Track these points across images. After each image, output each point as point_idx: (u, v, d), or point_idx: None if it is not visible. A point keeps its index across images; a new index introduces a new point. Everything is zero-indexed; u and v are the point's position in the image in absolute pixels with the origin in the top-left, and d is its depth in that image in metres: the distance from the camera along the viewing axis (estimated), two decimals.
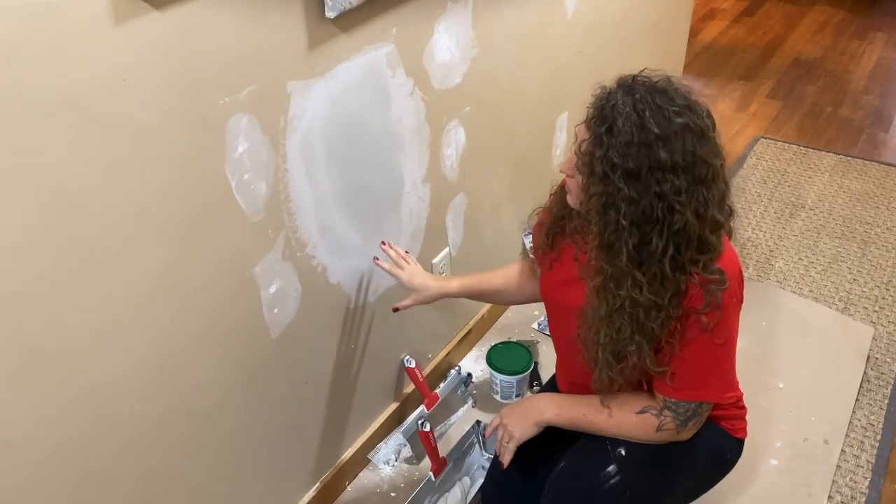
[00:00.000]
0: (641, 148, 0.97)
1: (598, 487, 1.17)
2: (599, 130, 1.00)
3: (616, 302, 1.06)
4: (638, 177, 0.98)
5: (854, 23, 4.17)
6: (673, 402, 1.14)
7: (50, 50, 0.83)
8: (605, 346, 1.09)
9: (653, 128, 0.97)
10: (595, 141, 1.01)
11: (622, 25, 2.21)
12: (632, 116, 0.98)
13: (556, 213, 1.25)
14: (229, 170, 1.10)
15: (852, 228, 2.51)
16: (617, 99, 1.00)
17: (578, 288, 1.18)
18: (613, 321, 1.07)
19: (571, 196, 1.13)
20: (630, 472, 1.17)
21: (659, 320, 1.05)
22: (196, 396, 1.20)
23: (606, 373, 1.12)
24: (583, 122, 1.05)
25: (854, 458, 1.73)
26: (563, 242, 1.25)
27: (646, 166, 0.98)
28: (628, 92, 1.01)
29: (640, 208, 0.99)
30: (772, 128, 3.17)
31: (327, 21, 1.17)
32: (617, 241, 1.02)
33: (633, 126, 0.97)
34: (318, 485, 1.60)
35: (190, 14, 0.96)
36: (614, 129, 0.98)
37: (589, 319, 1.11)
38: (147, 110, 0.95)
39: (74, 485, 1.05)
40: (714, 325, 1.07)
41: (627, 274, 1.04)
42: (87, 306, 0.97)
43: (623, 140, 0.98)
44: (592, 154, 1.01)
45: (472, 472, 1.71)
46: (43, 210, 0.88)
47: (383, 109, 1.38)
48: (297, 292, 1.33)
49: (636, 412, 1.16)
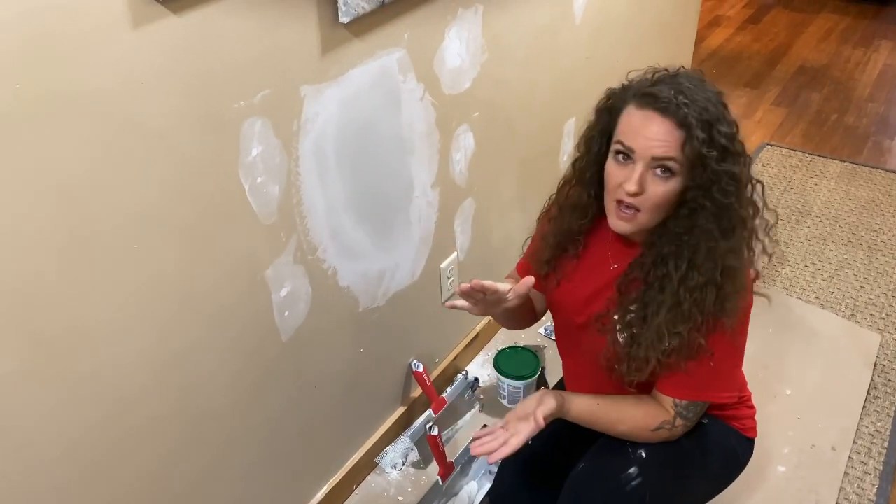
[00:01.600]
0: (717, 125, 1.01)
1: (620, 489, 1.17)
2: (688, 121, 1.00)
3: (696, 295, 1.06)
4: (730, 151, 1.02)
5: (859, 30, 4.18)
6: (684, 407, 1.15)
7: (70, 51, 0.83)
8: (668, 322, 1.08)
9: (711, 107, 1.02)
10: (686, 133, 1.01)
11: (629, 31, 2.22)
12: (700, 98, 1.01)
13: (554, 242, 1.24)
14: (243, 173, 1.11)
15: (858, 235, 2.51)
16: (673, 85, 1.03)
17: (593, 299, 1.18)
18: (690, 306, 1.06)
19: (639, 216, 1.07)
20: (651, 474, 1.17)
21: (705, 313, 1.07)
22: (205, 398, 1.21)
23: (651, 354, 1.09)
24: (652, 117, 1.02)
25: (861, 465, 1.73)
26: (569, 264, 1.25)
27: (725, 138, 1.02)
28: (666, 81, 1.05)
29: (737, 180, 1.03)
30: (777, 135, 3.17)
31: (340, 26, 1.18)
32: (736, 219, 1.04)
33: (706, 106, 1.01)
34: (325, 488, 1.60)
35: (206, 18, 0.97)
36: (690, 116, 1.00)
37: (651, 323, 1.09)
38: (163, 113, 0.96)
39: (84, 484, 1.06)
40: (734, 326, 1.08)
41: (742, 243, 1.06)
42: (99, 306, 0.98)
43: (712, 115, 1.01)
44: (698, 138, 1.00)
45: (479, 477, 1.71)
46: (58, 208, 0.89)
47: (394, 114, 1.38)
48: (308, 295, 1.34)
49: (652, 429, 1.16)
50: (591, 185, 1.17)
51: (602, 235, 1.21)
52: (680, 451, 1.20)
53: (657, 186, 1.04)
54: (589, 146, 1.15)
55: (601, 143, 1.13)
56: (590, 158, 1.15)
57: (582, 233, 1.22)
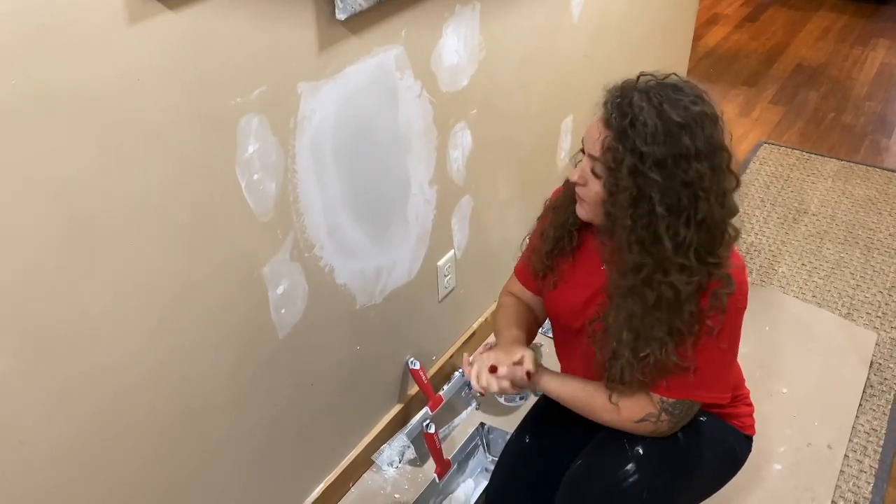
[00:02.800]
0: (667, 136, 0.99)
1: (617, 486, 1.17)
2: (622, 124, 1.00)
3: (655, 294, 1.06)
4: (665, 165, 1.00)
5: (856, 29, 4.18)
6: (670, 404, 1.15)
7: (66, 47, 0.83)
8: (631, 344, 1.09)
9: (674, 116, 0.99)
10: (618, 136, 1.01)
11: (627, 30, 2.22)
12: (651, 109, 0.99)
13: (554, 235, 1.25)
14: (239, 170, 1.10)
15: (855, 234, 2.52)
16: (632, 95, 1.02)
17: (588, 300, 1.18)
18: (647, 319, 1.07)
19: (584, 206, 1.13)
20: (648, 471, 1.18)
21: (687, 313, 1.06)
22: (202, 395, 1.20)
23: (627, 373, 1.11)
24: (598, 121, 1.06)
25: (857, 464, 1.73)
26: (565, 262, 1.25)
27: (672, 154, 0.99)
28: (640, 89, 1.03)
29: (670, 197, 1.01)
30: (775, 133, 3.17)
31: (338, 23, 1.17)
32: (652, 233, 1.03)
33: (656, 116, 0.99)
34: (322, 485, 1.60)
35: (203, 15, 0.97)
36: (637, 121, 1.00)
37: (620, 319, 1.10)
38: (159, 109, 0.96)
39: (81, 481, 1.05)
40: (719, 329, 1.08)
41: (672, 262, 1.04)
42: (95, 303, 0.98)
43: (648, 130, 0.99)
44: (616, 148, 1.01)
45: (475, 475, 1.71)
46: (54, 204, 0.89)
47: (391, 111, 1.38)
48: (305, 293, 1.33)
49: (636, 420, 1.17)
50: None
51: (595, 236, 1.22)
52: (678, 449, 1.20)
53: (592, 182, 1.08)
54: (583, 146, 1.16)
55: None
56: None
57: (576, 226, 1.22)
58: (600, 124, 1.05)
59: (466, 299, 1.93)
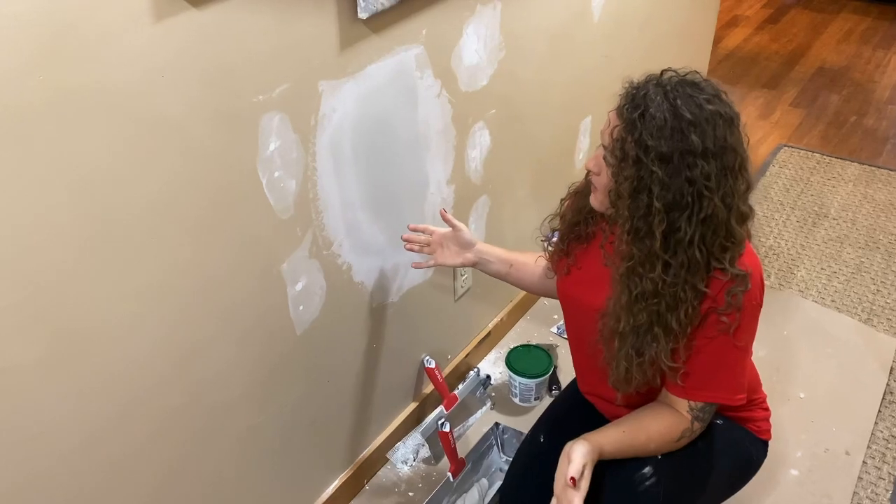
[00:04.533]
0: (674, 132, 0.99)
1: (633, 489, 1.17)
2: (632, 116, 1.01)
3: (640, 287, 1.06)
4: (670, 160, 0.99)
5: (880, 31, 4.13)
6: (700, 409, 1.14)
7: (92, 44, 0.84)
8: (626, 336, 1.09)
9: (685, 113, 0.99)
10: (628, 126, 1.02)
11: (647, 30, 2.21)
12: (664, 103, 1.00)
13: (571, 220, 1.26)
14: (261, 167, 1.11)
15: (876, 239, 2.49)
16: (648, 88, 1.02)
17: (598, 289, 1.18)
18: (634, 309, 1.07)
19: (596, 195, 1.13)
20: (665, 475, 1.17)
21: (679, 312, 1.06)
22: (220, 390, 1.21)
23: (624, 366, 1.11)
24: (612, 110, 1.06)
25: (875, 470, 1.71)
26: (579, 248, 1.26)
27: (678, 150, 0.99)
28: (658, 83, 1.03)
29: (672, 193, 1.00)
30: (795, 136, 3.14)
31: (359, 22, 1.18)
32: (647, 225, 1.03)
33: (666, 111, 0.99)
34: (336, 482, 1.61)
35: (226, 13, 0.98)
36: (647, 114, 1.00)
37: (611, 308, 1.11)
38: (183, 106, 0.97)
39: (102, 474, 1.07)
40: (735, 327, 1.07)
41: (658, 258, 1.04)
42: (118, 299, 0.99)
43: (656, 124, 0.99)
44: (625, 139, 1.02)
45: (490, 474, 1.71)
46: (78, 201, 0.90)
47: (411, 110, 1.39)
48: (322, 290, 1.34)
49: (676, 440, 1.16)
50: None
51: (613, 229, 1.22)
52: (694, 452, 1.19)
53: (605, 173, 1.08)
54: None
55: None
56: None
57: (592, 213, 1.22)
58: (613, 114, 1.05)
59: (482, 299, 1.93)
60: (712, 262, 1.05)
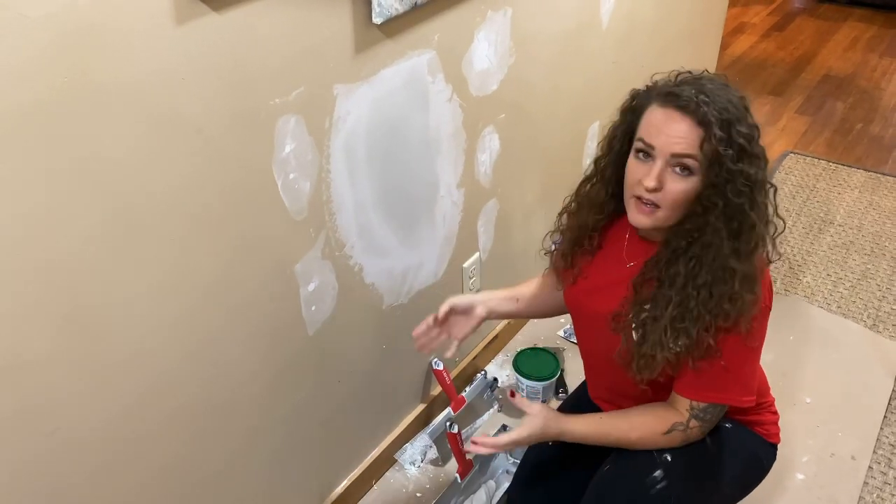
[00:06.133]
0: (744, 120, 1.04)
1: (644, 492, 1.17)
2: (707, 119, 1.01)
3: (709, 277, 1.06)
4: (747, 152, 1.03)
5: (886, 39, 4.14)
6: (702, 409, 1.15)
7: (114, 45, 0.86)
8: (668, 324, 1.09)
9: (731, 108, 1.03)
10: (705, 131, 1.02)
11: (655, 37, 2.22)
12: (720, 99, 1.03)
13: (571, 237, 1.27)
14: (276, 169, 1.13)
15: (882, 245, 2.50)
16: (689, 91, 1.03)
17: (607, 296, 1.19)
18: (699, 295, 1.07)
19: (660, 212, 1.08)
20: (675, 478, 1.17)
21: (726, 300, 1.07)
22: (231, 387, 1.23)
23: (658, 351, 1.09)
24: (676, 116, 1.03)
25: (881, 475, 1.72)
26: (584, 261, 1.26)
27: (744, 138, 1.03)
28: (693, 83, 1.06)
29: (753, 180, 1.04)
30: (801, 143, 3.15)
31: (374, 27, 1.20)
32: (745, 220, 1.05)
33: (727, 101, 1.03)
34: (345, 482, 1.62)
35: (246, 16, 0.99)
36: (725, 110, 1.02)
37: (659, 301, 1.10)
38: (201, 107, 0.99)
39: (113, 467, 1.08)
40: (749, 328, 1.08)
41: (761, 243, 1.07)
42: (131, 295, 1.01)
43: (737, 115, 1.03)
44: (722, 138, 1.01)
45: (497, 476, 1.72)
46: (97, 198, 0.92)
47: (422, 114, 1.40)
48: (335, 291, 1.36)
49: (663, 433, 1.17)
50: (609, 183, 1.19)
51: (618, 233, 1.23)
52: (705, 456, 1.20)
53: (676, 184, 1.05)
54: (611, 145, 1.17)
55: (623, 143, 1.15)
56: (611, 157, 1.17)
57: (598, 229, 1.23)
58: (683, 119, 1.03)
59: None
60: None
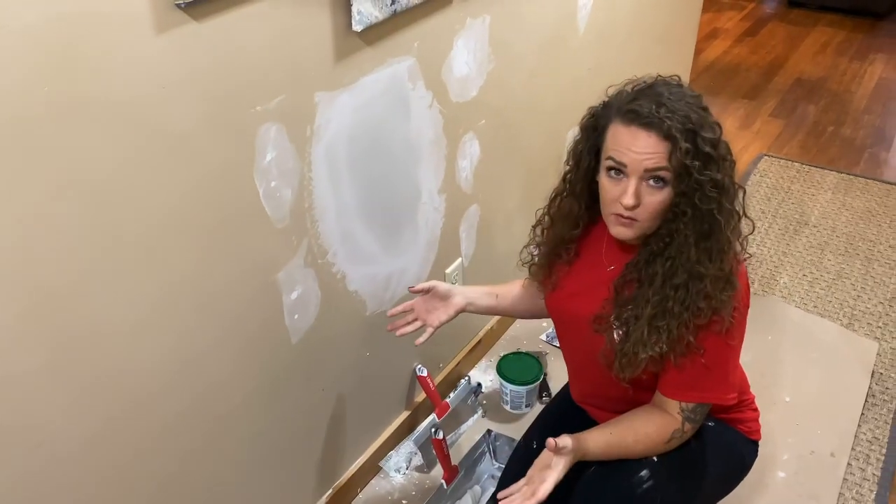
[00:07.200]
0: (707, 122, 1.05)
1: (631, 492, 1.18)
2: (672, 133, 1.03)
3: (684, 276, 1.09)
4: (713, 158, 1.05)
5: (855, 44, 4.23)
6: (691, 410, 1.16)
7: (95, 56, 0.86)
8: (648, 321, 1.11)
9: (692, 114, 1.04)
10: (671, 144, 1.03)
11: (631, 42, 2.25)
12: (679, 100, 1.05)
13: (546, 251, 1.29)
14: (258, 177, 1.13)
15: (856, 245, 2.54)
16: (660, 97, 1.05)
17: (587, 299, 1.20)
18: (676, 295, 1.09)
19: (637, 224, 1.09)
20: (662, 478, 1.19)
21: (702, 297, 1.09)
22: (216, 399, 1.22)
23: (640, 349, 1.11)
24: (641, 133, 1.05)
25: (860, 472, 1.75)
26: (563, 270, 1.28)
27: (709, 145, 1.04)
28: (650, 94, 1.07)
29: (720, 185, 1.06)
30: (775, 146, 3.21)
31: (354, 34, 1.20)
32: (714, 223, 1.07)
33: (686, 107, 1.04)
34: (330, 491, 1.61)
35: (226, 26, 0.99)
36: (686, 119, 1.03)
37: (639, 300, 1.12)
38: (183, 117, 0.98)
39: (101, 482, 1.07)
40: (728, 326, 1.10)
41: (730, 244, 1.09)
42: (119, 307, 1.00)
43: (701, 121, 1.04)
44: (687, 150, 1.03)
45: (482, 481, 1.72)
46: (81, 210, 0.91)
47: (403, 121, 1.41)
48: (318, 299, 1.35)
49: (666, 441, 1.18)
50: (581, 197, 1.21)
51: (595, 240, 1.24)
52: (689, 454, 1.22)
53: (652, 196, 1.07)
54: (578, 161, 1.19)
55: (589, 159, 1.17)
56: (579, 173, 1.19)
57: (574, 241, 1.25)
58: (649, 135, 1.04)
59: None
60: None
